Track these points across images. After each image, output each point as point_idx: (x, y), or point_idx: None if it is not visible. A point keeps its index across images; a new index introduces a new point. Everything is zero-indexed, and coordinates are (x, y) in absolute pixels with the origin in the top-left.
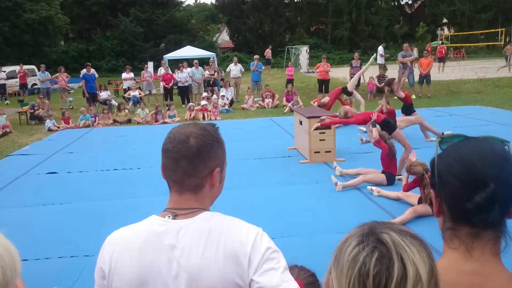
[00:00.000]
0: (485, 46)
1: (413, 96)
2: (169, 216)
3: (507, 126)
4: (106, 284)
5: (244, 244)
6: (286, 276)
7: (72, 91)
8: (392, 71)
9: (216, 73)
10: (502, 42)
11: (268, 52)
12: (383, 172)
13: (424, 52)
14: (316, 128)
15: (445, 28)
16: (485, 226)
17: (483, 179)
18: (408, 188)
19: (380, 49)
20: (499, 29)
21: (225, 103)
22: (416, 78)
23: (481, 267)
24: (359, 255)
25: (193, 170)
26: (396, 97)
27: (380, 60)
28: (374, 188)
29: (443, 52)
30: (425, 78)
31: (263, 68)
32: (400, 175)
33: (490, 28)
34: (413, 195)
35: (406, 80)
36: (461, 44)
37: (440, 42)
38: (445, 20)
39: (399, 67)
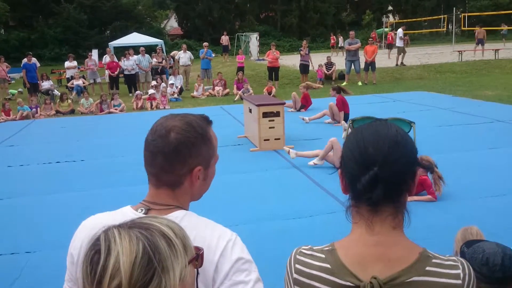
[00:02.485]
0: (429, 32)
1: (359, 83)
2: (141, 210)
3: (448, 110)
4: (75, 270)
5: (212, 251)
6: None
7: (13, 81)
8: (340, 58)
9: (164, 61)
10: (445, 29)
11: (224, 39)
12: None
13: (369, 39)
14: None
15: (390, 16)
16: (373, 204)
17: (371, 163)
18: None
19: (400, 31)
20: (442, 16)
21: (174, 92)
22: (362, 65)
23: (383, 239)
24: (85, 257)
25: (169, 167)
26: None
27: (399, 43)
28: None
29: (391, 38)
30: (370, 65)
31: (213, 55)
32: None
33: (433, 15)
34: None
35: (353, 67)
36: (406, 32)
37: (385, 29)
38: (390, 8)
39: (345, 54)
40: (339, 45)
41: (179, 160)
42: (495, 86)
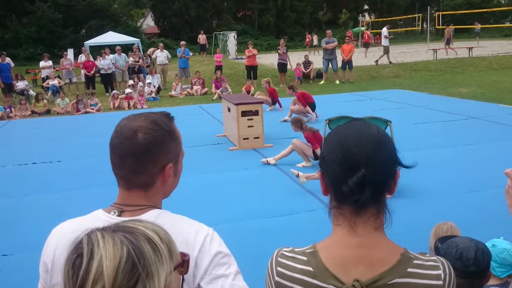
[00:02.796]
0: (404, 31)
1: (337, 82)
2: (114, 212)
3: (423, 108)
4: (49, 279)
5: (190, 247)
6: (238, 283)
7: None
8: (317, 57)
9: (141, 60)
10: (419, 27)
11: (201, 38)
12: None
13: (346, 38)
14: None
15: (366, 15)
16: (361, 206)
17: (356, 164)
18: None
19: (384, 30)
20: (417, 15)
21: (151, 91)
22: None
23: (365, 240)
24: (67, 261)
25: (141, 168)
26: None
27: (385, 42)
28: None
29: (367, 37)
30: (347, 63)
31: (191, 54)
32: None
33: (408, 14)
34: None
35: (330, 66)
36: (377, 31)
37: (362, 28)
38: (366, 7)
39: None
40: (314, 44)
41: (150, 160)
42: (469, 84)
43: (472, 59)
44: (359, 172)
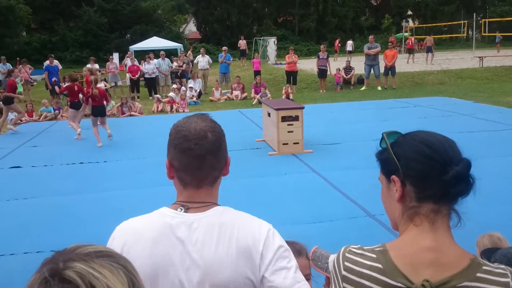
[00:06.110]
0: (448, 38)
1: (379, 88)
2: (181, 209)
3: (469, 116)
4: None
5: (256, 240)
6: (299, 276)
7: (35, 83)
8: (359, 63)
9: (185, 65)
10: (465, 34)
11: (241, 43)
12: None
13: (389, 44)
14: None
15: (410, 20)
16: (462, 195)
17: (449, 158)
18: None
19: None
20: (462, 21)
21: (193, 95)
22: (382, 69)
23: (438, 242)
24: None
25: (217, 163)
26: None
27: None
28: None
29: (411, 43)
30: (390, 69)
31: (231, 60)
32: None
33: (452, 20)
34: None
35: (372, 71)
36: (425, 36)
37: (405, 34)
38: (409, 12)
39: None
40: (347, 50)
41: (222, 154)
42: None
43: None
44: (463, 160)
